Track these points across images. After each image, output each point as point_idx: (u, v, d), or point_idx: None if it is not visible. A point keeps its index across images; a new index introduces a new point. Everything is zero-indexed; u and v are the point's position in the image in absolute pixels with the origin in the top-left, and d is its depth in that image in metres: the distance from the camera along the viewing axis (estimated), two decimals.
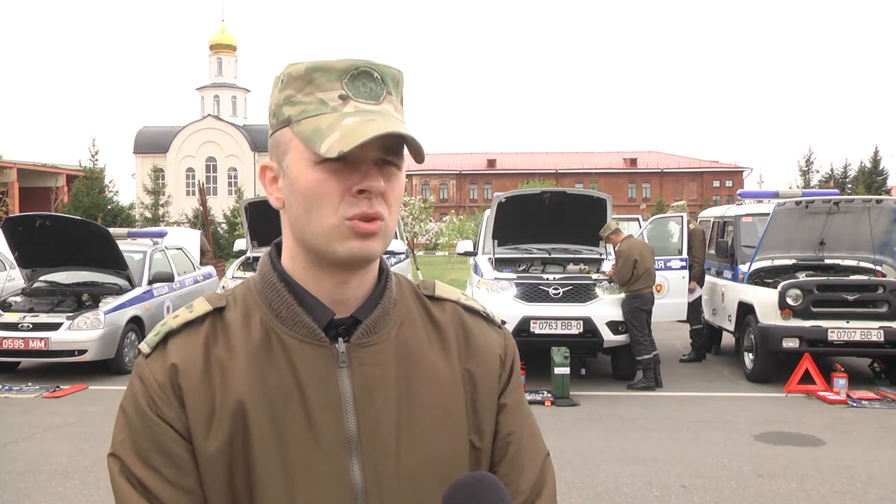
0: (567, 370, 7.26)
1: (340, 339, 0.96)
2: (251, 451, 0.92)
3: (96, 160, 28.21)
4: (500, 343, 1.08)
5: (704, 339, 9.62)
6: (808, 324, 7.71)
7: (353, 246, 0.91)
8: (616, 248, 8.12)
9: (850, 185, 41.42)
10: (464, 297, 1.10)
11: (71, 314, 8.58)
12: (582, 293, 8.06)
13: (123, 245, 9.61)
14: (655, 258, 8.17)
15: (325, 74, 0.92)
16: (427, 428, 0.97)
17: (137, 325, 9.16)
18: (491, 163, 71.13)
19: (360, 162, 0.90)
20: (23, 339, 8.32)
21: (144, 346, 0.98)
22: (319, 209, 0.91)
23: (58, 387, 8.03)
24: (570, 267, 8.74)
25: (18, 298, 9.17)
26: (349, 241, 0.91)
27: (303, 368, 0.94)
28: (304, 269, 0.97)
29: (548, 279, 8.19)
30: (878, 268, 8.67)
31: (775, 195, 9.46)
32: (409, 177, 58.79)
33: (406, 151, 0.94)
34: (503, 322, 1.13)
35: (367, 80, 0.92)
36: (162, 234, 11.13)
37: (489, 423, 1.03)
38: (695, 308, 9.27)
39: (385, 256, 1.02)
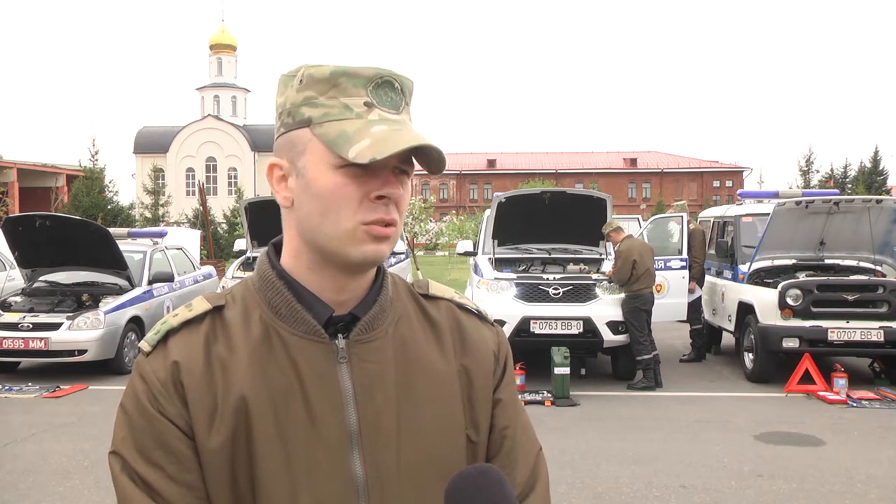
0: (567, 370, 7.26)
1: (340, 336, 0.98)
2: (253, 447, 0.92)
3: (96, 160, 28.30)
4: (494, 340, 1.10)
5: (704, 339, 9.62)
6: (808, 324, 7.71)
7: (367, 249, 0.93)
8: (616, 248, 8.12)
9: (850, 185, 41.45)
10: (457, 296, 1.12)
11: (71, 314, 8.59)
12: (582, 293, 8.06)
13: (123, 245, 9.62)
14: (655, 258, 8.17)
15: (351, 80, 0.93)
16: (426, 423, 0.99)
17: (137, 325, 9.17)
18: (491, 163, 71.12)
19: (380, 169, 0.92)
20: (23, 339, 8.33)
21: (145, 345, 0.98)
22: (337, 212, 0.92)
23: (58, 387, 8.03)
24: (570, 267, 8.74)
25: (18, 298, 9.17)
26: (364, 245, 0.93)
27: (303, 364, 0.95)
28: (308, 268, 0.98)
29: (548, 279, 8.18)
30: (878, 268, 8.67)
31: (775, 195, 9.47)
32: None
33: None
34: (503, 322, 1.15)
35: (390, 89, 0.94)
36: (162, 234, 11.14)
37: (485, 417, 1.05)
38: (695, 308, 9.27)
39: None
